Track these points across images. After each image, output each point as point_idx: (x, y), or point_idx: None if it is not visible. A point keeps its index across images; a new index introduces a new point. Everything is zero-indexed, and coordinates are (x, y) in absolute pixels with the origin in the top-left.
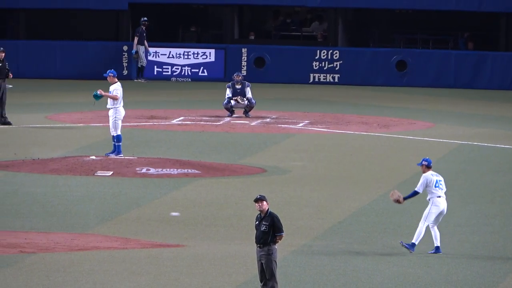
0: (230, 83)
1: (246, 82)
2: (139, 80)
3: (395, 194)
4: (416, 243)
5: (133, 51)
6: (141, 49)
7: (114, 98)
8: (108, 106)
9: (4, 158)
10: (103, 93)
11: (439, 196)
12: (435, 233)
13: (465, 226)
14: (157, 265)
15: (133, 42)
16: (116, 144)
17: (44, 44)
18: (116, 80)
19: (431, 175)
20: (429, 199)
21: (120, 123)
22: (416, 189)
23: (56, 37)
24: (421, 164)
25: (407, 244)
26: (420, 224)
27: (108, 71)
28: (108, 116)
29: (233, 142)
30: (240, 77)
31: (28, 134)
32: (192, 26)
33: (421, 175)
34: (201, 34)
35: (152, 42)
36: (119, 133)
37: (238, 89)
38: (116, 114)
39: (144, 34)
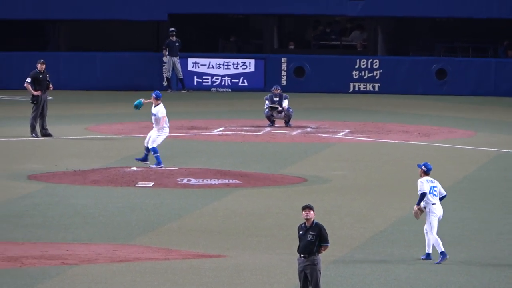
0: (268, 96)
1: (284, 95)
2: (185, 91)
3: (417, 215)
4: (441, 250)
5: (167, 62)
6: (171, 60)
7: (162, 123)
8: (154, 127)
9: (45, 169)
10: (146, 101)
11: (434, 204)
12: (429, 240)
13: (507, 234)
14: (199, 276)
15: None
16: (154, 155)
17: (85, 55)
18: (160, 102)
19: (426, 181)
20: (425, 207)
21: (161, 141)
22: (419, 193)
23: (97, 49)
24: (420, 167)
25: (440, 258)
26: (430, 237)
27: (152, 93)
28: (150, 128)
29: (274, 152)
30: (279, 90)
31: (68, 145)
32: (232, 36)
33: (430, 181)
34: (241, 44)
35: (191, 52)
36: (155, 146)
37: (276, 101)
38: (161, 134)
39: (177, 44)
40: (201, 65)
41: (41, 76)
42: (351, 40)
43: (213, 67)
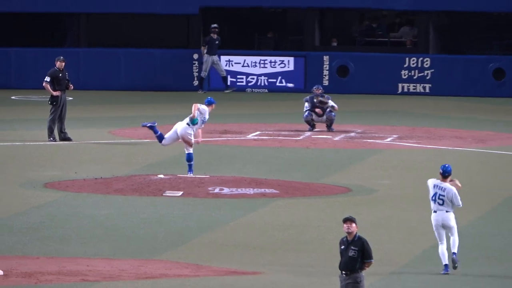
0: (308, 97)
1: (326, 95)
2: (228, 91)
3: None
4: (444, 262)
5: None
6: (210, 59)
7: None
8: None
9: (64, 177)
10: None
11: (435, 211)
12: (443, 253)
13: None
14: None
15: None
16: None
17: (107, 52)
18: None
19: (433, 186)
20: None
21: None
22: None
23: (121, 45)
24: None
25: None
26: (440, 246)
27: (209, 101)
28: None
29: (314, 159)
30: (321, 90)
31: (89, 150)
32: (269, 32)
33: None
34: (279, 41)
35: (225, 49)
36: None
37: (317, 103)
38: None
39: (217, 42)
40: (235, 63)
41: (60, 74)
42: (400, 36)
43: (248, 66)
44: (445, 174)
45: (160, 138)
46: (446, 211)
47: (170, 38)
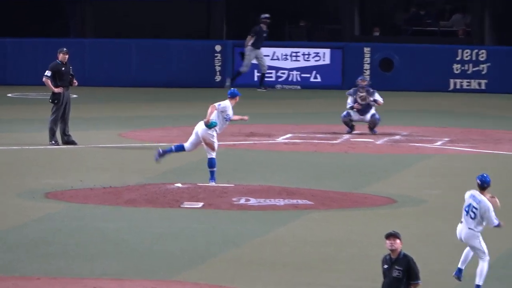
0: (352, 90)
1: (371, 89)
2: (261, 89)
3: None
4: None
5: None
6: (254, 53)
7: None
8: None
9: (67, 186)
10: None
11: (461, 222)
12: (466, 255)
13: None
14: None
15: (245, 42)
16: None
17: (117, 43)
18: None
19: (469, 196)
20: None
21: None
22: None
23: (132, 35)
24: (477, 179)
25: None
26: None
27: (232, 92)
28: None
29: (354, 165)
30: (366, 82)
31: (97, 156)
32: (302, 20)
33: None
34: (313, 30)
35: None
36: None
37: (362, 97)
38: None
39: (264, 35)
40: (264, 55)
41: (63, 68)
42: (451, 25)
43: (278, 59)
44: (483, 185)
45: (180, 148)
46: (469, 228)
47: (189, 27)
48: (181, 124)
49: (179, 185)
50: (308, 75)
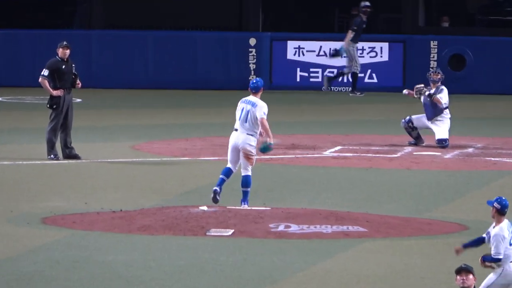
0: (419, 86)
1: (441, 86)
2: (355, 94)
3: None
4: None
5: (341, 48)
6: (353, 48)
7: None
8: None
9: (69, 209)
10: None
11: None
12: None
13: None
14: None
15: (345, 37)
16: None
17: (129, 36)
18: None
19: (507, 228)
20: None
21: (228, 153)
22: (493, 255)
23: (148, 26)
24: (492, 205)
25: None
26: None
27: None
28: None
29: (418, 185)
30: (439, 75)
31: (105, 173)
32: (354, 8)
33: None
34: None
35: (292, 32)
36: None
37: (431, 94)
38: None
39: (364, 26)
40: (307, 51)
41: (64, 66)
42: None
43: (325, 55)
44: (504, 211)
45: (229, 173)
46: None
47: (217, 17)
48: (207, 133)
49: (205, 208)
50: (362, 75)
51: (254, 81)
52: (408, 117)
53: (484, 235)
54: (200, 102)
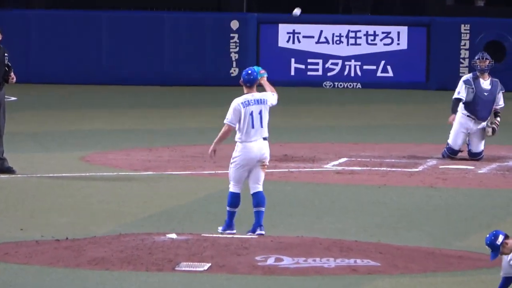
0: (470, 76)
1: (495, 80)
2: None
3: None
4: None
5: None
6: None
7: (222, 134)
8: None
9: (1, 237)
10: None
11: None
12: None
13: None
14: None
15: None
16: (228, 208)
17: (78, 17)
18: (245, 90)
19: None
20: None
21: (237, 171)
22: None
23: (101, 5)
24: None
25: None
26: None
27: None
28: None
29: (444, 207)
30: (488, 61)
31: (46, 191)
32: None
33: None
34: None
35: (284, 13)
36: (231, 189)
37: (485, 90)
38: (235, 154)
39: None
40: (304, 37)
41: None
42: None
43: (327, 42)
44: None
45: (237, 200)
46: None
47: None
48: (176, 141)
49: (173, 236)
50: (374, 67)
51: (250, 71)
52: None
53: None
54: (168, 101)
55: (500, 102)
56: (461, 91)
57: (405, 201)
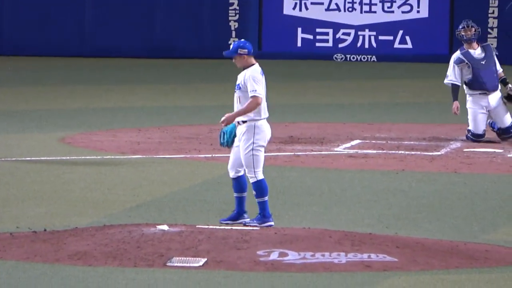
0: (458, 53)
1: (489, 44)
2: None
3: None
4: None
5: None
6: None
7: (251, 109)
8: (238, 120)
9: None
10: (231, 116)
11: None
12: None
13: None
14: None
15: None
16: (256, 199)
17: None
18: (253, 61)
19: None
20: None
21: (261, 153)
22: None
23: None
24: None
25: None
26: None
27: (235, 45)
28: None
29: (469, 195)
30: (474, 29)
31: (22, 176)
32: None
33: None
34: None
35: None
36: (260, 176)
37: (481, 59)
38: (256, 136)
39: None
40: (313, 3)
41: None
42: None
43: (338, 9)
44: None
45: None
46: None
47: None
48: (168, 121)
49: (165, 227)
50: (390, 38)
51: (243, 40)
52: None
53: None
54: (160, 76)
55: (498, 67)
56: (450, 75)
57: (426, 189)
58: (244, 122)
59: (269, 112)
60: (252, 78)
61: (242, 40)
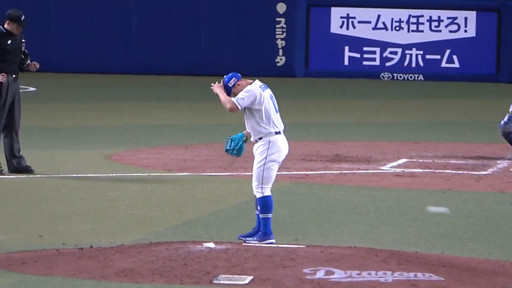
0: None
1: None
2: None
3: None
4: None
5: None
6: None
7: (224, 105)
8: (253, 139)
9: (16, 245)
10: (217, 88)
11: None
12: None
13: None
14: None
15: None
16: (260, 215)
17: (104, 2)
18: (249, 81)
19: None
20: None
21: (273, 171)
22: None
23: None
24: None
25: None
26: None
27: (225, 84)
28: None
29: None
30: None
31: (68, 193)
32: None
33: None
34: None
35: None
36: (267, 193)
37: None
38: (270, 150)
39: None
40: (360, 22)
41: (9, 42)
42: None
43: (385, 28)
44: None
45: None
46: None
47: None
48: (215, 139)
49: (211, 245)
50: (438, 57)
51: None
52: (507, 117)
53: None
54: (206, 93)
55: None
56: None
57: (472, 208)
58: (260, 139)
59: (316, 131)
60: (245, 90)
61: (224, 76)
